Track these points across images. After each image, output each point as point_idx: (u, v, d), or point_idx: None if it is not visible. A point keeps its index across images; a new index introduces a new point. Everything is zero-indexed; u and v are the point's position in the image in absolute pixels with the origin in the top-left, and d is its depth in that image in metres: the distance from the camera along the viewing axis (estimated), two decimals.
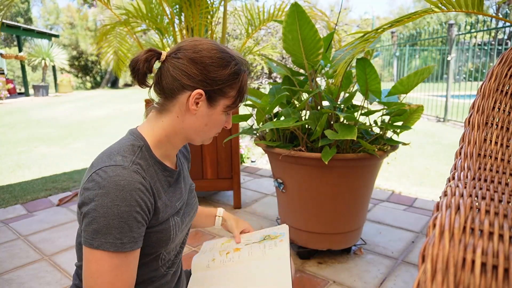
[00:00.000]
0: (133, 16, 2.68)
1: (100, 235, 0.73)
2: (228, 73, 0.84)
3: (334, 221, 1.80)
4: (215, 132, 0.91)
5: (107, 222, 0.73)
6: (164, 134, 0.87)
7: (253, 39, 4.65)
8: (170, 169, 0.91)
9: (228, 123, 0.92)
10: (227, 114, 0.90)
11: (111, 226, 0.73)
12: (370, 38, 1.45)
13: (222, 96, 0.85)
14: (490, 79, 0.77)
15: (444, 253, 0.38)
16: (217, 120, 0.88)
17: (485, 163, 0.63)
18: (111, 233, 0.73)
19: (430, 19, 21.66)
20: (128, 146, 0.82)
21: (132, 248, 0.76)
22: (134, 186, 0.75)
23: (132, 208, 0.74)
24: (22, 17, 22.86)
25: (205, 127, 0.87)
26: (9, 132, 6.36)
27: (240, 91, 0.87)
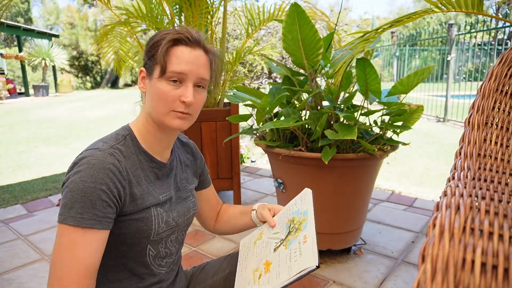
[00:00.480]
0: (133, 16, 2.68)
1: (65, 209, 0.76)
2: (154, 41, 0.87)
3: (334, 221, 1.80)
4: (166, 106, 0.85)
5: (72, 196, 0.76)
6: (141, 125, 0.91)
7: (253, 39, 4.65)
8: (158, 161, 0.92)
9: (184, 96, 0.85)
10: (172, 83, 0.84)
11: (75, 200, 0.76)
12: (370, 38, 1.45)
13: (153, 63, 0.86)
14: (490, 79, 0.77)
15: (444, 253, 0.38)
16: (159, 89, 0.84)
17: (485, 163, 0.63)
18: (74, 208, 0.75)
19: (430, 19, 21.66)
20: (113, 135, 0.88)
21: (93, 225, 0.76)
22: (104, 166, 0.79)
23: (97, 186, 0.77)
24: (22, 17, 22.86)
25: (153, 101, 0.86)
26: (9, 132, 6.36)
27: (161, 52, 0.83)
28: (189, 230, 2.26)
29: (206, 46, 0.90)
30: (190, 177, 1.06)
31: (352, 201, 1.78)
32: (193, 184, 1.06)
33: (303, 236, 0.89)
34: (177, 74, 0.84)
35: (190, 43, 0.86)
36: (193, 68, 0.85)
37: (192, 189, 1.05)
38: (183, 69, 0.84)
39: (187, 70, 0.85)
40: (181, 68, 0.84)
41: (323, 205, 1.76)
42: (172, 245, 0.98)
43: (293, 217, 0.97)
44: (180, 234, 1.01)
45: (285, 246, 0.91)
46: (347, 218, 1.81)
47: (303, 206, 0.97)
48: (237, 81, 2.99)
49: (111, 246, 0.85)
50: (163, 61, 0.83)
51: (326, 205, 1.76)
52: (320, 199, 1.76)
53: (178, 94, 0.85)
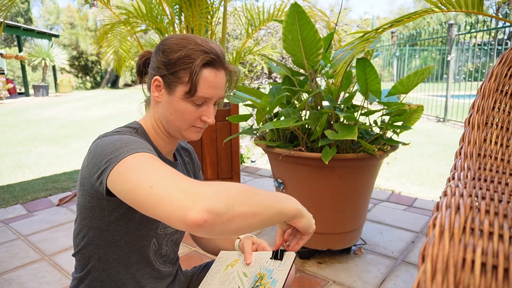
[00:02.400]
0: (133, 16, 2.68)
1: (121, 149, 0.71)
2: (178, 56, 0.83)
3: (334, 221, 1.80)
4: (186, 123, 0.87)
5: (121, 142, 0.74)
6: (150, 125, 0.92)
7: (253, 39, 4.65)
8: (164, 157, 0.94)
9: (206, 116, 0.87)
10: (195, 104, 0.85)
11: (128, 142, 0.73)
12: (370, 38, 1.45)
13: (177, 81, 0.84)
14: (490, 79, 0.77)
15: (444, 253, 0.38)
16: (181, 109, 0.85)
17: (485, 163, 0.63)
18: (130, 145, 0.73)
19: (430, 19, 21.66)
20: (124, 127, 0.89)
21: (152, 152, 0.73)
22: (134, 136, 0.81)
23: (144, 142, 0.77)
24: (22, 17, 22.86)
25: (171, 116, 0.87)
26: (9, 132, 6.36)
27: (193, 76, 0.82)
28: None
29: (227, 66, 0.90)
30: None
31: (352, 201, 1.78)
32: None
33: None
34: (203, 98, 0.85)
35: (217, 65, 0.85)
36: (217, 92, 0.87)
37: None
38: (210, 95, 0.85)
39: (212, 95, 0.86)
40: (208, 93, 0.85)
41: (323, 205, 1.76)
42: (171, 245, 0.99)
43: (264, 274, 0.92)
44: (180, 237, 1.02)
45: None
46: (347, 218, 1.81)
47: (279, 271, 0.90)
48: None
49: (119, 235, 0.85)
50: (195, 86, 0.83)
51: (326, 205, 1.76)
52: (320, 199, 1.76)
53: (200, 113, 0.87)
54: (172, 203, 0.58)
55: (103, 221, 0.83)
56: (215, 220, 0.58)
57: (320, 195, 1.74)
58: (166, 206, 0.59)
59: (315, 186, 1.74)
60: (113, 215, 0.83)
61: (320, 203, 1.76)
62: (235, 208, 0.60)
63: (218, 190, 0.61)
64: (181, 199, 0.58)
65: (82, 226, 0.86)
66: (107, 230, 0.84)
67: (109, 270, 0.88)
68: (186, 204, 0.57)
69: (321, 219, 1.79)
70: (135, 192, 0.63)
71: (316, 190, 1.74)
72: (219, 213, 0.58)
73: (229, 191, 0.62)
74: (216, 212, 0.58)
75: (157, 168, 0.66)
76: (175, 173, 0.65)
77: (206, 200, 0.58)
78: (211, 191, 0.60)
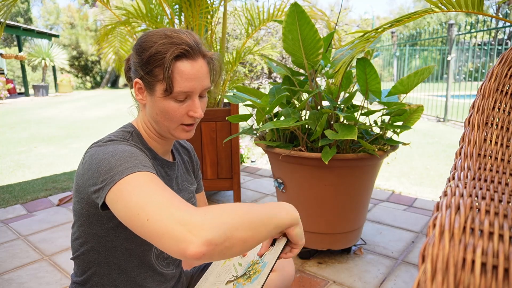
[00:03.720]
0: (133, 16, 2.68)
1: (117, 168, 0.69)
2: (149, 54, 0.80)
3: (334, 221, 1.80)
4: (174, 122, 0.84)
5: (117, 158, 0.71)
6: (141, 127, 0.90)
7: (253, 39, 4.65)
8: (161, 158, 0.92)
9: (193, 111, 0.83)
10: (178, 101, 0.82)
11: (124, 157, 0.71)
12: (370, 38, 1.45)
13: (155, 80, 0.81)
14: (490, 79, 0.77)
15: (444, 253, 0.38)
16: (165, 108, 0.82)
17: (485, 163, 0.63)
18: (128, 162, 0.70)
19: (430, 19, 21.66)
20: (119, 132, 0.87)
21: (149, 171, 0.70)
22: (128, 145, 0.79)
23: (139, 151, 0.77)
24: (22, 17, 22.86)
25: (158, 116, 0.84)
26: (9, 132, 6.36)
27: (166, 72, 0.78)
28: None
29: (205, 52, 0.85)
30: (192, 179, 1.06)
31: (352, 201, 1.78)
32: (194, 185, 1.07)
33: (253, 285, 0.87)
34: (183, 93, 0.81)
35: (191, 55, 0.81)
36: (198, 84, 0.82)
37: (193, 191, 1.06)
38: (189, 88, 0.81)
39: (192, 87, 0.82)
40: (187, 87, 0.81)
41: (323, 205, 1.76)
42: None
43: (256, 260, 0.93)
44: None
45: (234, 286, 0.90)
46: (347, 218, 1.81)
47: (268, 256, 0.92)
48: (237, 81, 2.99)
49: (119, 241, 0.84)
50: (170, 82, 0.79)
51: (326, 205, 1.76)
52: (320, 199, 1.76)
53: (186, 109, 0.83)
54: (170, 238, 0.58)
55: (102, 228, 0.82)
56: (213, 250, 0.58)
57: (320, 195, 1.74)
58: (164, 240, 0.59)
59: (315, 186, 1.74)
60: (112, 222, 0.81)
61: (320, 203, 1.76)
62: (233, 235, 0.60)
63: (214, 218, 0.60)
64: (178, 234, 0.57)
65: (80, 232, 0.85)
66: (106, 236, 0.83)
67: (110, 275, 0.87)
68: (184, 238, 0.57)
69: (321, 219, 1.80)
70: (132, 222, 0.63)
71: (316, 190, 1.74)
72: (218, 243, 0.58)
73: (225, 218, 0.61)
74: (215, 243, 0.57)
75: (153, 194, 0.64)
76: (171, 199, 0.63)
77: (204, 233, 0.57)
78: (208, 221, 0.59)
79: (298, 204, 1.82)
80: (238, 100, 1.91)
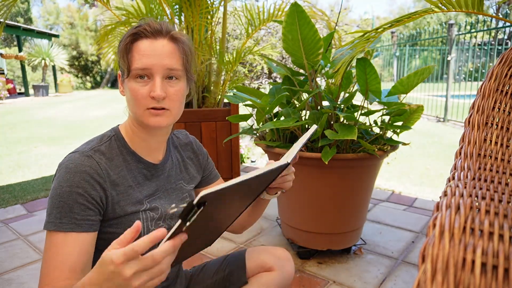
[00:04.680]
0: (133, 16, 2.68)
1: (47, 216, 0.78)
2: (120, 42, 0.84)
3: (334, 221, 1.80)
4: (140, 105, 0.82)
5: (51, 202, 0.78)
6: (128, 125, 0.90)
7: (253, 39, 4.65)
8: (146, 161, 0.90)
9: (152, 91, 0.81)
10: (140, 81, 0.81)
11: (53, 206, 0.77)
12: (370, 38, 1.45)
13: (123, 65, 0.83)
14: (490, 79, 0.77)
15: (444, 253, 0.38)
16: (130, 91, 0.82)
17: (485, 163, 0.63)
18: (53, 213, 0.77)
19: (430, 19, 21.66)
20: (99, 137, 0.88)
21: (72, 229, 0.76)
22: (80, 169, 0.79)
23: (73, 189, 0.77)
24: (22, 17, 22.86)
25: (129, 103, 0.85)
26: (9, 132, 6.36)
27: (122, 51, 0.82)
28: None
29: (171, 34, 0.84)
30: (190, 177, 1.04)
31: (352, 201, 1.78)
32: (192, 184, 1.04)
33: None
34: (140, 70, 0.80)
35: (149, 35, 0.82)
36: (156, 60, 0.80)
37: (191, 190, 1.03)
38: (146, 64, 0.80)
39: (150, 63, 0.80)
40: (143, 63, 0.80)
41: (323, 205, 1.76)
42: None
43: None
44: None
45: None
46: (347, 218, 1.81)
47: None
48: (237, 81, 2.99)
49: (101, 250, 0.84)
50: (127, 59, 0.81)
51: (326, 205, 1.76)
52: (320, 199, 1.76)
53: (148, 90, 0.81)
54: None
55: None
56: None
57: (320, 195, 1.74)
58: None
59: (315, 186, 1.74)
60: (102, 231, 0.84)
61: (320, 203, 1.76)
62: None
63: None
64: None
65: None
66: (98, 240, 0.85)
67: None
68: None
69: (321, 219, 1.80)
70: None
71: (316, 190, 1.74)
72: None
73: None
74: None
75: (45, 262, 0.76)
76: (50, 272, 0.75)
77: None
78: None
79: (298, 204, 1.82)
80: (238, 100, 1.91)
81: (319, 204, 1.76)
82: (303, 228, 1.84)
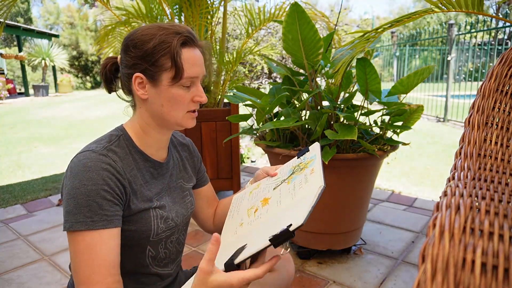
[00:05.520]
0: (133, 16, 2.68)
1: (71, 216, 0.76)
2: (153, 44, 0.82)
3: (334, 221, 1.80)
4: (182, 108, 0.86)
5: (76, 202, 0.76)
6: (138, 127, 0.90)
7: (253, 39, 4.65)
8: (153, 160, 0.92)
9: (199, 96, 0.87)
10: (184, 87, 0.85)
11: (81, 205, 0.76)
12: (370, 38, 1.45)
13: (160, 69, 0.82)
14: (490, 79, 0.77)
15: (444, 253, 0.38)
16: (172, 96, 0.84)
17: (485, 163, 0.63)
18: (81, 212, 0.75)
19: (430, 19, 21.67)
20: (106, 136, 0.88)
21: (105, 226, 0.76)
22: (101, 166, 0.79)
23: (99, 186, 0.77)
24: (22, 17, 22.87)
25: (163, 108, 0.85)
26: (9, 132, 6.36)
27: (175, 58, 0.81)
28: (189, 230, 2.27)
29: (199, 42, 0.89)
30: (189, 176, 1.05)
31: (352, 201, 1.78)
32: (191, 183, 1.06)
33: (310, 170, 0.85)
34: (191, 78, 0.85)
35: (193, 44, 0.85)
36: (201, 70, 0.87)
37: (190, 188, 1.05)
38: (196, 73, 0.85)
39: (199, 72, 0.86)
40: (195, 72, 0.85)
41: (323, 205, 1.76)
42: (173, 246, 0.97)
43: (298, 163, 0.94)
44: (181, 235, 1.00)
45: (288, 182, 0.88)
46: (347, 218, 1.81)
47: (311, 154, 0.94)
48: (237, 81, 2.99)
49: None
50: (180, 68, 0.82)
51: (326, 205, 1.76)
52: (320, 199, 1.75)
53: (191, 95, 0.86)
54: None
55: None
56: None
57: None
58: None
59: None
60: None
61: (320, 203, 1.76)
62: None
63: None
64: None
65: None
66: None
67: None
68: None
69: (321, 219, 1.80)
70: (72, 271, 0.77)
71: None
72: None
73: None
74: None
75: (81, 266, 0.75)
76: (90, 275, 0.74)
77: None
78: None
79: None
80: (238, 100, 1.91)
81: (319, 204, 1.76)
82: (303, 228, 1.84)
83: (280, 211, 0.77)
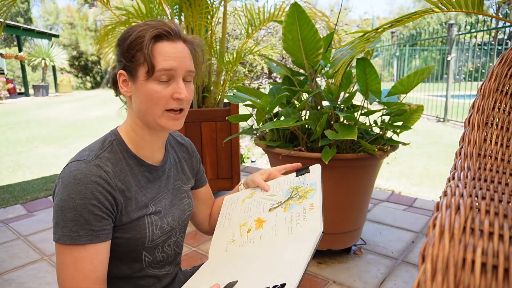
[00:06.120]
0: (133, 16, 2.68)
1: (59, 228, 0.76)
2: (130, 40, 0.81)
3: (334, 221, 1.80)
4: (159, 106, 0.82)
5: (63, 215, 0.76)
6: (130, 129, 0.88)
7: (253, 39, 4.65)
8: (148, 164, 0.90)
9: (177, 93, 0.82)
10: (161, 82, 0.81)
11: (67, 219, 0.75)
12: (370, 38, 1.45)
13: (136, 65, 0.81)
14: (490, 79, 0.77)
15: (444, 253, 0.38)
16: (148, 92, 0.81)
17: (485, 163, 0.63)
18: (67, 226, 0.75)
19: (430, 19, 21.66)
20: (100, 141, 0.86)
21: (91, 241, 0.76)
22: (91, 179, 0.77)
23: (87, 201, 0.76)
24: (22, 17, 22.87)
25: (142, 104, 0.83)
26: (9, 132, 6.36)
27: (146, 52, 0.79)
28: (189, 230, 2.26)
29: (185, 37, 0.86)
30: (187, 178, 1.03)
31: (352, 201, 1.78)
32: (189, 184, 1.04)
33: (309, 204, 0.85)
34: (166, 71, 0.80)
35: (171, 37, 0.82)
36: (180, 63, 0.82)
37: (188, 190, 1.03)
38: (172, 66, 0.80)
39: (175, 66, 0.81)
40: (169, 65, 0.80)
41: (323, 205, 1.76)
42: (171, 248, 0.96)
43: (297, 186, 0.93)
44: (179, 238, 0.99)
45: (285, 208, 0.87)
46: (347, 218, 1.81)
47: (311, 178, 0.93)
48: (237, 81, 2.99)
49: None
50: (150, 61, 0.79)
51: (326, 205, 1.75)
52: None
53: (170, 92, 0.82)
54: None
55: None
56: None
57: None
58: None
59: None
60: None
61: None
62: None
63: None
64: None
65: None
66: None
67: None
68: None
69: None
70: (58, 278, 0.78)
71: None
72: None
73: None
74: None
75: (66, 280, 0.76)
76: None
77: None
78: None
79: None
80: (238, 100, 1.91)
81: None
82: None
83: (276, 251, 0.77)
